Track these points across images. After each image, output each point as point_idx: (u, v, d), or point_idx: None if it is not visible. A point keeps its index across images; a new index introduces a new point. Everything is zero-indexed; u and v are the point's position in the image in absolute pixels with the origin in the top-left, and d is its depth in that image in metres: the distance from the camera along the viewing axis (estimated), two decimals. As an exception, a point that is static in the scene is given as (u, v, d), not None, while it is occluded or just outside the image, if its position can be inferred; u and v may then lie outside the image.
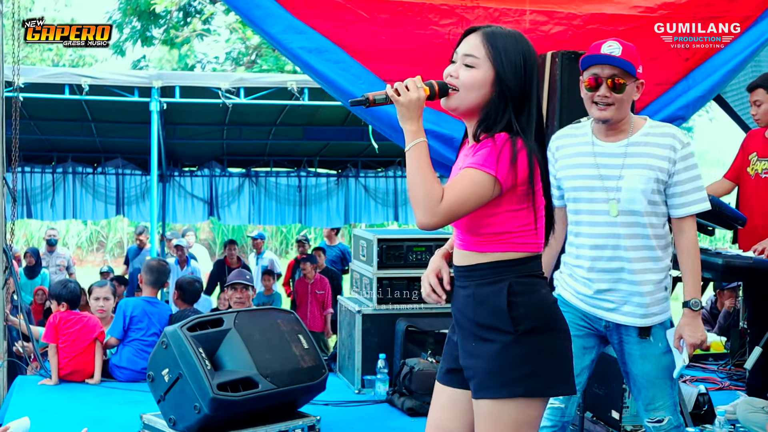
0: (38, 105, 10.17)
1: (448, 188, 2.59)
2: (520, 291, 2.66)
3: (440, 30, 6.53)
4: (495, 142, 2.60)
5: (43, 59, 32.05)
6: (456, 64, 2.72)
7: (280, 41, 6.24)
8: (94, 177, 13.67)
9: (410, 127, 2.63)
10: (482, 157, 2.58)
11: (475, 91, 2.66)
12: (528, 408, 2.66)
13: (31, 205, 13.59)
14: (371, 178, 14.46)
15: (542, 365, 2.66)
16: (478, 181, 2.57)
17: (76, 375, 6.04)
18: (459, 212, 2.59)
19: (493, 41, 2.68)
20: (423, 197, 2.56)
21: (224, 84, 9.25)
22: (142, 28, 21.88)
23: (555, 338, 2.72)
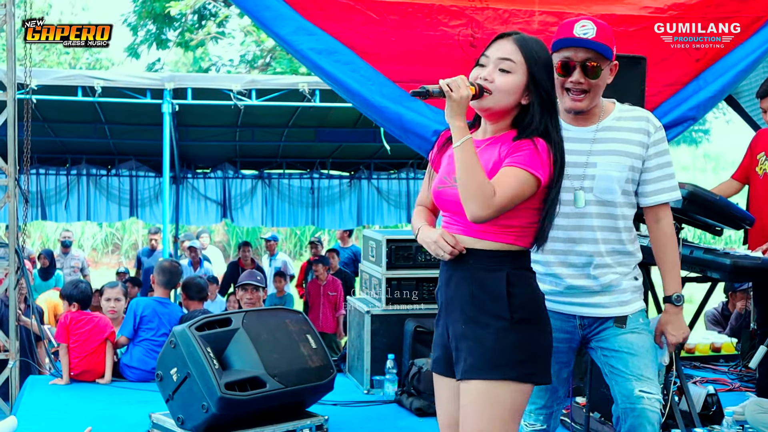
0: (52, 107, 10.24)
1: (498, 184, 2.72)
2: (517, 282, 2.82)
3: (450, 31, 6.55)
4: (536, 146, 2.76)
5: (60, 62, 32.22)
6: (488, 68, 2.83)
7: (290, 43, 6.27)
8: (108, 179, 13.72)
9: (459, 123, 2.75)
10: (527, 157, 2.75)
11: (510, 95, 2.81)
12: (516, 393, 2.79)
13: (46, 206, 13.66)
14: (384, 180, 14.47)
15: (532, 353, 2.81)
16: (524, 181, 2.74)
17: (87, 375, 6.08)
18: (508, 206, 2.74)
19: (526, 47, 2.82)
20: (477, 191, 2.70)
21: (236, 86, 9.28)
22: (157, 31, 21.97)
23: (543, 330, 2.88)
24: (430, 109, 6.59)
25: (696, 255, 4.78)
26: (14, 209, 6.22)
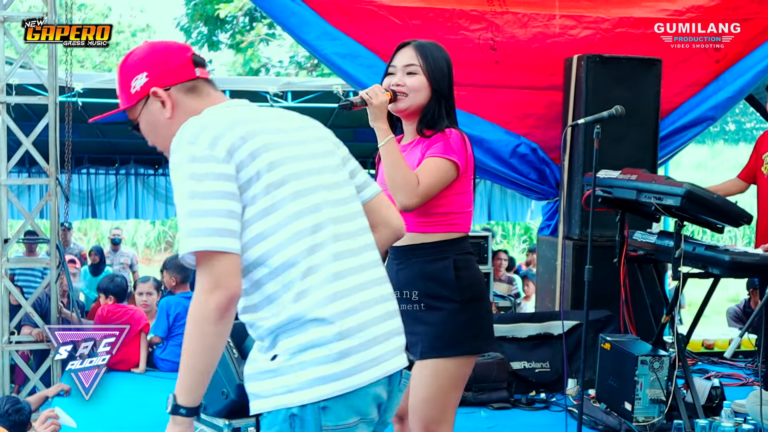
0: (98, 110, 10.60)
1: (420, 173, 3.04)
2: (463, 266, 3.13)
3: (470, 35, 6.77)
4: (447, 135, 3.09)
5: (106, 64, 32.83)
6: (397, 75, 3.17)
7: (315, 47, 6.53)
8: (155, 178, 14.12)
9: (382, 125, 3.10)
10: (441, 147, 3.06)
11: (420, 92, 3.14)
12: (466, 366, 3.15)
13: (96, 205, 14.10)
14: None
15: (480, 328, 3.14)
16: (443, 167, 3.05)
17: (123, 364, 6.38)
18: (431, 193, 3.05)
19: (423, 51, 3.18)
20: (403, 181, 3.02)
21: (272, 88, 9.55)
22: (209, 33, 22.34)
23: (486, 304, 3.22)
24: (450, 110, 6.81)
25: (698, 251, 4.94)
26: (55, 207, 6.55)
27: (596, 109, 6.40)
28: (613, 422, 5.07)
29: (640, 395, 5.00)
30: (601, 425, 5.14)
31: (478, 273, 3.22)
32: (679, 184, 4.70)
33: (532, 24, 6.80)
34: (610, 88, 6.38)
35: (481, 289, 3.19)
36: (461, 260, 3.13)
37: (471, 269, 3.16)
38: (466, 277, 3.11)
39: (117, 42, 34.31)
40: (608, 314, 6.12)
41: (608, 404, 5.25)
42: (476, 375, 5.50)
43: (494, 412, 5.49)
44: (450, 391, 3.13)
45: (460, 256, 3.13)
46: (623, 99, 6.40)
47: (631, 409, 5.00)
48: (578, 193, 6.33)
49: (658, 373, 5.00)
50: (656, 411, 5.00)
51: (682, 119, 7.07)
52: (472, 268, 3.17)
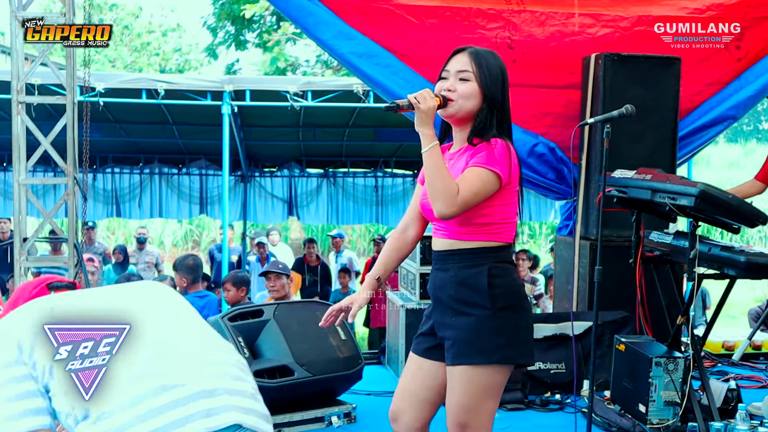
0: (122, 109, 10.70)
1: (461, 183, 3.00)
2: (498, 274, 3.09)
3: (487, 34, 6.73)
4: (492, 145, 3.05)
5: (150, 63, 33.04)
6: (449, 80, 3.14)
7: (332, 47, 6.52)
8: (179, 177, 14.21)
9: (428, 131, 3.02)
10: (485, 157, 3.03)
11: (470, 99, 3.11)
12: (498, 374, 3.10)
13: (120, 204, 14.20)
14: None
15: (513, 337, 3.08)
16: (484, 178, 3.01)
17: (139, 363, 6.40)
18: (471, 203, 3.02)
19: (478, 58, 3.15)
20: (443, 190, 2.98)
21: (292, 87, 9.58)
22: (236, 33, 22.41)
23: (524, 316, 3.15)
24: (468, 110, 6.78)
25: (713, 252, 4.89)
26: (73, 206, 6.59)
27: (613, 109, 6.38)
28: (627, 424, 5.02)
29: (654, 397, 4.94)
30: (615, 427, 5.09)
31: (515, 283, 3.17)
32: (693, 184, 4.64)
33: (550, 22, 6.75)
34: (628, 87, 6.32)
35: (517, 300, 3.14)
36: (497, 268, 3.10)
37: (507, 278, 3.12)
38: (500, 285, 3.09)
39: (148, 42, 34.60)
40: (625, 315, 6.07)
41: (622, 406, 5.20)
42: (490, 376, 5.52)
43: (508, 413, 5.45)
44: (482, 398, 3.10)
45: (496, 264, 3.11)
46: (641, 98, 6.39)
47: (645, 411, 4.95)
48: (595, 193, 6.27)
49: (673, 374, 4.94)
50: (671, 413, 4.94)
51: (702, 118, 6.99)
52: (509, 277, 3.13)
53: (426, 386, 3.29)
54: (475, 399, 3.09)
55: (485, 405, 3.12)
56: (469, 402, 3.09)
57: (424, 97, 3.04)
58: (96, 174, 14.02)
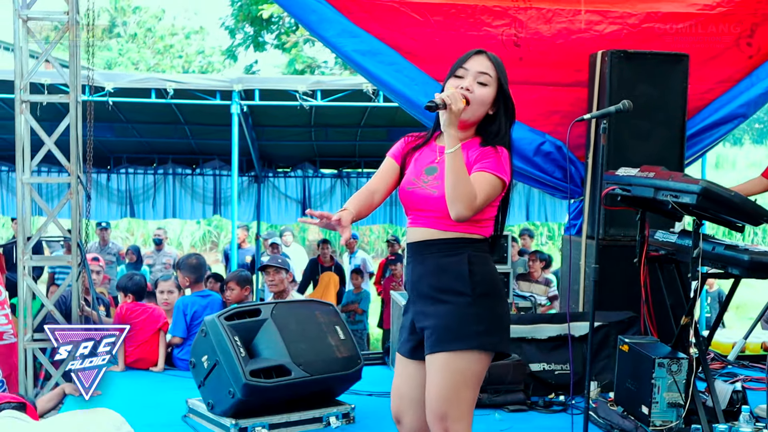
0: (133, 109, 10.69)
1: (476, 187, 3.04)
2: (477, 262, 3.10)
3: (493, 31, 6.67)
4: (499, 153, 3.11)
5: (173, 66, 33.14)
6: (467, 80, 3.13)
7: (335, 45, 6.48)
8: (193, 178, 14.21)
9: (455, 132, 3.04)
10: (494, 164, 3.09)
11: (484, 106, 3.14)
12: (478, 362, 3.08)
13: (134, 204, 14.22)
14: (461, 179, 14.53)
15: (492, 324, 3.09)
16: (495, 184, 3.09)
17: (141, 363, 6.39)
18: (483, 207, 3.08)
19: (498, 64, 3.20)
20: (464, 194, 3.00)
21: (301, 87, 9.54)
22: (255, 34, 22.38)
23: (502, 304, 3.18)
24: (473, 109, 6.71)
25: (717, 251, 4.80)
26: (77, 205, 6.56)
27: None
28: (629, 426, 4.94)
29: (657, 399, 4.86)
30: (617, 429, 5.02)
31: (494, 271, 3.19)
32: (695, 182, 4.56)
33: (557, 20, 6.68)
34: (634, 85, 6.25)
35: (496, 287, 3.17)
36: (476, 256, 3.12)
37: (486, 266, 3.14)
38: (479, 272, 3.10)
39: (171, 44, 34.73)
40: (631, 315, 5.99)
41: (626, 407, 5.12)
42: (491, 376, 5.44)
43: (510, 415, 5.38)
44: (462, 387, 3.08)
45: (475, 253, 3.13)
46: (648, 95, 6.32)
47: (648, 412, 4.87)
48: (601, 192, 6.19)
49: (676, 376, 4.86)
50: (674, 415, 4.86)
51: (712, 116, 6.90)
52: (488, 266, 3.15)
53: (416, 386, 3.28)
54: (455, 388, 3.07)
55: (464, 394, 3.10)
56: (448, 392, 3.08)
57: (456, 98, 3.02)
58: (110, 174, 14.05)
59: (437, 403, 3.09)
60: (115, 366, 6.37)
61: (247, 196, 14.28)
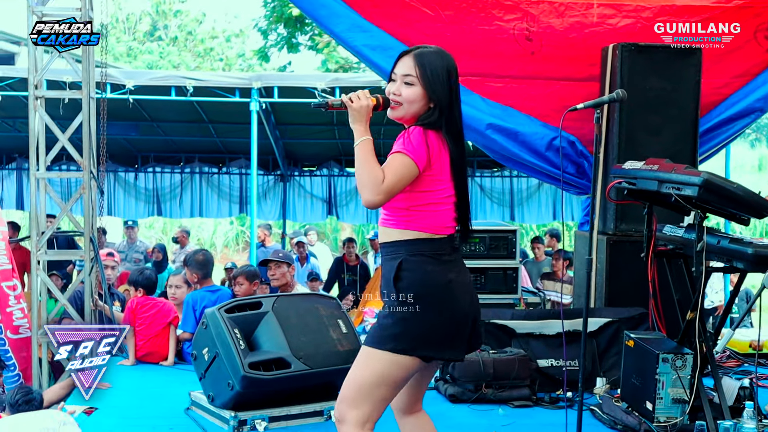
0: (156, 107, 10.77)
1: (384, 170, 3.08)
2: (408, 267, 3.13)
3: (505, 25, 6.63)
4: (407, 132, 3.14)
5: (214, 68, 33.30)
6: (397, 83, 3.23)
7: (345, 39, 6.48)
8: (219, 177, 14.29)
9: (359, 127, 3.19)
10: (401, 144, 3.12)
11: (415, 103, 3.21)
12: (392, 364, 3.12)
13: (161, 203, 14.33)
14: (487, 178, 14.50)
15: (411, 330, 3.11)
16: (402, 162, 3.09)
17: (152, 357, 6.41)
18: (396, 189, 3.09)
19: (422, 61, 3.21)
20: (368, 180, 3.08)
21: (320, 84, 9.55)
22: (288, 35, 22.42)
23: (432, 311, 3.13)
24: (485, 102, 6.68)
25: (722, 245, 4.74)
26: (89, 200, 6.61)
27: (631, 101, 6.21)
28: (633, 422, 4.88)
29: (661, 394, 4.79)
30: (620, 425, 4.96)
31: (426, 277, 3.15)
32: (697, 173, 4.50)
33: (569, 13, 6.62)
34: (646, 78, 6.19)
35: (425, 293, 3.13)
36: (409, 261, 3.14)
37: (417, 272, 3.13)
38: (407, 278, 3.13)
39: (211, 47, 34.95)
40: (642, 312, 5.92)
41: (630, 403, 5.05)
42: (496, 372, 5.42)
43: (514, 410, 5.33)
44: (368, 379, 3.14)
45: (410, 257, 3.15)
46: (660, 89, 6.26)
47: (653, 408, 4.80)
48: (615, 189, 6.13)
49: (681, 371, 4.79)
50: (678, 411, 4.79)
51: (728, 111, 6.81)
52: (419, 271, 3.14)
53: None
54: (361, 377, 3.17)
55: (369, 388, 3.15)
56: (355, 379, 3.18)
57: (359, 96, 3.18)
58: (137, 173, 14.16)
59: (345, 385, 3.21)
60: (125, 360, 6.42)
61: (273, 195, 14.33)
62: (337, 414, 3.20)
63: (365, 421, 3.14)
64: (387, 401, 3.22)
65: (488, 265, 6.47)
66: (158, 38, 34.96)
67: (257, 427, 4.80)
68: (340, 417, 3.18)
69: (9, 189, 14.32)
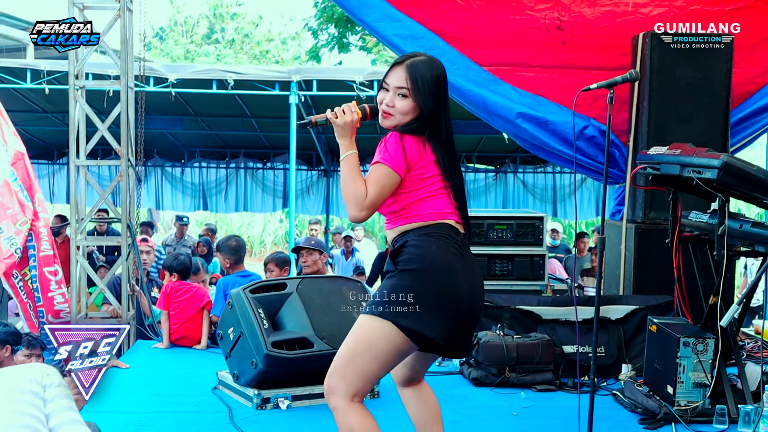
0: (199, 101, 10.94)
1: (367, 182, 3.12)
2: (413, 243, 3.16)
3: (536, 15, 6.64)
4: (385, 140, 3.17)
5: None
6: (390, 94, 3.24)
7: (376, 29, 6.53)
8: (264, 172, 14.45)
9: (344, 142, 3.21)
10: (378, 154, 3.15)
11: (407, 114, 3.21)
12: (380, 334, 3.11)
13: (207, 197, 14.53)
14: (530, 174, 14.49)
15: (404, 299, 3.10)
16: (380, 171, 3.12)
17: (185, 340, 6.54)
18: (378, 202, 3.14)
19: (413, 73, 3.20)
20: (352, 195, 3.12)
21: (358, 77, 9.63)
22: (339, 35, 22.51)
23: (428, 280, 3.12)
24: (515, 92, 6.70)
25: (744, 229, 4.74)
26: (126, 187, 6.77)
27: (661, 89, 6.24)
28: (653, 405, 4.88)
29: (682, 378, 4.81)
30: (641, 408, 4.96)
31: (429, 252, 3.14)
32: (716, 156, 4.50)
33: (601, 2, 6.61)
34: (677, 67, 6.16)
35: (424, 265, 3.11)
36: (415, 239, 3.16)
37: (421, 247, 3.13)
38: (409, 251, 3.14)
39: (267, 50, 35.27)
40: (669, 299, 5.89)
41: (652, 388, 5.06)
42: (520, 356, 5.46)
43: (536, 394, 5.37)
44: (354, 348, 3.14)
45: (417, 237, 3.16)
46: (691, 78, 6.22)
47: (673, 392, 4.81)
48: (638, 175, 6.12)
49: (702, 356, 4.79)
50: (699, 395, 4.80)
51: (764, 99, 6.75)
52: (423, 247, 3.14)
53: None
54: (352, 348, 3.16)
55: (362, 360, 3.14)
56: (346, 349, 3.18)
57: (344, 111, 3.19)
58: (184, 168, 14.38)
59: (335, 357, 3.23)
60: (159, 343, 6.55)
61: (317, 190, 14.45)
62: (327, 386, 3.19)
63: (353, 394, 3.13)
64: (375, 378, 3.20)
65: (515, 251, 6.49)
66: (215, 41, 35.35)
67: (280, 405, 4.90)
68: (329, 389, 3.17)
69: (60, 183, 14.63)
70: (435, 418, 3.48)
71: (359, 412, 3.13)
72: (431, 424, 3.47)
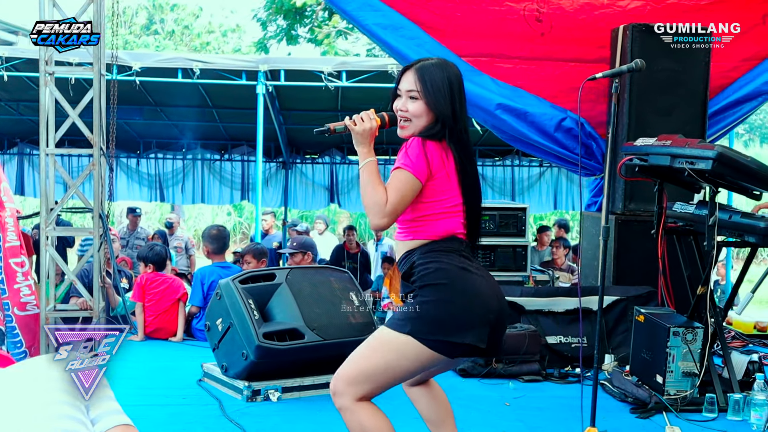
0: (161, 90, 10.75)
1: (387, 190, 3.05)
2: (421, 262, 3.09)
3: (515, 6, 6.65)
4: (407, 145, 3.09)
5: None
6: (402, 99, 3.20)
7: (356, 18, 6.48)
8: (221, 163, 14.27)
9: (363, 149, 3.20)
10: (399, 160, 3.09)
11: (422, 117, 3.14)
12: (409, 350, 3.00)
13: (164, 189, 14.32)
14: (489, 167, 14.51)
15: (417, 313, 3.02)
16: (401, 178, 3.04)
17: (161, 333, 6.44)
18: (400, 209, 3.06)
19: (423, 76, 3.16)
20: (372, 204, 3.06)
21: (327, 67, 9.54)
22: (288, 27, 22.37)
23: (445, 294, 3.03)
24: (494, 83, 6.70)
25: (734, 219, 4.78)
26: (99, 177, 6.62)
27: (642, 81, 6.28)
28: (643, 395, 4.91)
29: (672, 368, 4.84)
30: (631, 397, 4.99)
31: (440, 269, 3.07)
32: (711, 147, 4.53)
33: (579, -5, 6.65)
34: (656, 59, 6.20)
35: (438, 279, 3.04)
36: (421, 257, 3.09)
37: (432, 263, 3.07)
38: (420, 267, 3.07)
39: (208, 42, 34.93)
40: (650, 290, 5.96)
41: (640, 377, 5.10)
42: (507, 347, 5.44)
43: (524, 385, 5.38)
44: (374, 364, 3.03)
45: (426, 254, 3.09)
46: (671, 70, 6.27)
47: (663, 381, 4.85)
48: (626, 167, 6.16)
49: (691, 345, 4.84)
50: (688, 384, 4.84)
51: (736, 94, 6.85)
52: (434, 262, 3.07)
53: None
54: (372, 364, 3.03)
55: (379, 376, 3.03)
56: (363, 363, 3.05)
57: (362, 119, 3.19)
58: (140, 159, 14.16)
59: (346, 364, 3.11)
60: (134, 336, 6.44)
61: (275, 182, 14.32)
62: (333, 388, 3.08)
63: (362, 396, 3.04)
64: (389, 387, 3.10)
65: (498, 242, 6.50)
66: (155, 32, 34.93)
67: (270, 397, 4.83)
68: (336, 390, 3.07)
69: (9, 173, 14.29)
70: (447, 412, 3.43)
71: (368, 409, 3.05)
72: (444, 418, 3.41)
